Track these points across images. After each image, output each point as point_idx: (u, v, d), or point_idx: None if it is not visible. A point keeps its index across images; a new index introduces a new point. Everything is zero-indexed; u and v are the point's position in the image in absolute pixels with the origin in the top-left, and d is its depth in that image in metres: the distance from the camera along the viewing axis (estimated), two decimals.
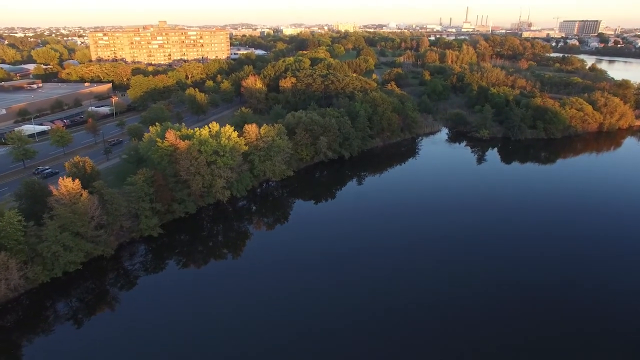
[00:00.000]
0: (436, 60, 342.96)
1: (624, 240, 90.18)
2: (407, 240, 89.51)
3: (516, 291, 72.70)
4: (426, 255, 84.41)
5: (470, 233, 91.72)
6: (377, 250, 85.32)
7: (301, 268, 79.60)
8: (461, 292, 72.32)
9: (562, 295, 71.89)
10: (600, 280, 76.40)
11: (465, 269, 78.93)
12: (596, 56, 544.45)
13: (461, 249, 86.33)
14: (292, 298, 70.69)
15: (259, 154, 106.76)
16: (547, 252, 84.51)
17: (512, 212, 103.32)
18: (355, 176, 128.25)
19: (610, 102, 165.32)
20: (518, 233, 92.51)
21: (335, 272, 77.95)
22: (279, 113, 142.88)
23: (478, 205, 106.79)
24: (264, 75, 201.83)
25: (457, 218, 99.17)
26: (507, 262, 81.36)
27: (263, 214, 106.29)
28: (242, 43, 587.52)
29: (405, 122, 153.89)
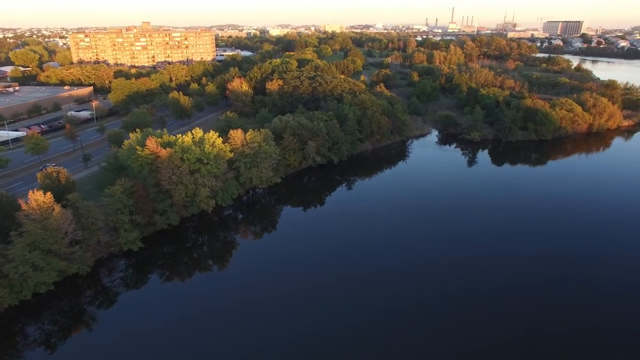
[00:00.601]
0: (424, 60, 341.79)
1: (619, 237, 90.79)
2: (399, 245, 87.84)
3: (510, 290, 73.16)
4: (419, 259, 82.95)
5: (462, 236, 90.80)
6: (368, 257, 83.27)
7: (290, 277, 76.67)
8: (454, 295, 71.06)
9: (555, 292, 72.60)
10: (594, 276, 77.27)
11: (457, 272, 77.92)
12: (580, 56, 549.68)
13: (453, 251, 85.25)
14: (282, 309, 67.91)
15: (244, 161, 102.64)
16: (541, 250, 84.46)
17: (505, 213, 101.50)
18: (344, 181, 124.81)
19: (599, 103, 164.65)
20: (511, 234, 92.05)
21: (326, 281, 75.52)
22: (266, 117, 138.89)
23: (471, 208, 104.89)
24: (250, 77, 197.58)
25: (450, 221, 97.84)
26: (502, 264, 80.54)
27: (250, 222, 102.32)
28: (228, 44, 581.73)
29: (395, 125, 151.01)
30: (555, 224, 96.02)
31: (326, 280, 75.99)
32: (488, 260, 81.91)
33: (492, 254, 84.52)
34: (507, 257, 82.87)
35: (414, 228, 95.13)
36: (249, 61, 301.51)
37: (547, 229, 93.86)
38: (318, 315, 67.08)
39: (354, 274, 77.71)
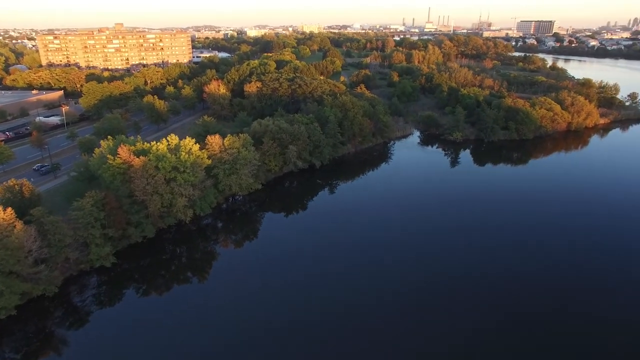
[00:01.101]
0: (403, 60, 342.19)
1: (602, 228, 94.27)
2: (383, 247, 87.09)
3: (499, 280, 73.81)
4: (405, 262, 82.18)
5: (447, 236, 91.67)
6: (353, 261, 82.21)
7: (274, 286, 74.20)
8: (441, 300, 70.23)
9: (540, 280, 76.10)
10: (581, 266, 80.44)
11: (444, 273, 78.27)
12: (553, 55, 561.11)
13: (440, 253, 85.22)
14: (266, 320, 65.77)
15: (223, 168, 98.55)
16: (526, 243, 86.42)
17: (492, 214, 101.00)
18: (326, 185, 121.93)
19: (577, 102, 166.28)
20: (499, 235, 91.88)
21: (312, 289, 74.05)
22: (245, 120, 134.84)
23: (455, 208, 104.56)
24: (228, 79, 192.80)
25: (433, 222, 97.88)
26: (486, 258, 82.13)
27: (230, 231, 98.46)
28: (205, 46, 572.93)
29: (376, 127, 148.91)
30: (540, 220, 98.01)
31: (311, 288, 74.31)
32: (471, 256, 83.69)
33: (476, 249, 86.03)
34: (492, 251, 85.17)
35: (397, 230, 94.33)
36: (227, 63, 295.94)
37: (533, 225, 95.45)
38: (304, 323, 65.64)
39: (339, 280, 76.19)
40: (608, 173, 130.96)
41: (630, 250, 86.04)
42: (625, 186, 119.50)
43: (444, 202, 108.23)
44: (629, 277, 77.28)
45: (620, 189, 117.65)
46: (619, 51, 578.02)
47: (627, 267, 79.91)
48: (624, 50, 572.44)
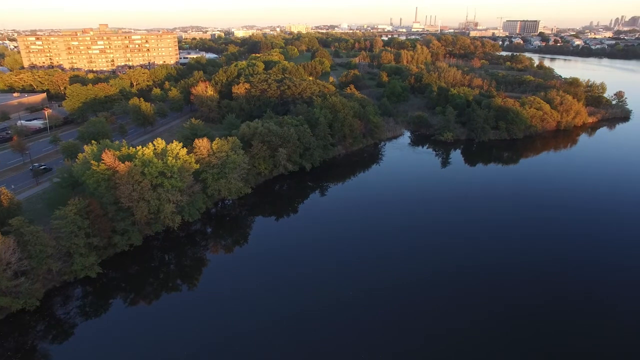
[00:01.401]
0: (391, 60, 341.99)
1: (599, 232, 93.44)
2: (376, 250, 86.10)
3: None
4: (395, 267, 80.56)
5: (440, 239, 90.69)
6: (346, 264, 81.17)
7: (265, 293, 72.40)
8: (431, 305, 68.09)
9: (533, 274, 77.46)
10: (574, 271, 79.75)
11: (438, 273, 78.19)
12: (539, 54, 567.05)
13: (431, 257, 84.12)
14: (259, 327, 64.21)
15: (212, 172, 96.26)
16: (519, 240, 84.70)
17: (487, 216, 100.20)
18: (317, 188, 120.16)
19: (566, 101, 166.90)
20: (494, 237, 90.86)
21: (303, 294, 72.78)
22: (233, 123, 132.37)
23: (448, 209, 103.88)
24: (215, 81, 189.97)
25: (428, 225, 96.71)
26: (481, 270, 78.92)
27: (220, 236, 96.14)
28: (192, 46, 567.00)
29: (367, 128, 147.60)
30: (533, 221, 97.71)
31: (303, 293, 73.04)
32: (463, 254, 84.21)
33: (470, 249, 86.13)
34: (486, 252, 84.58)
35: (389, 232, 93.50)
36: (214, 64, 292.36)
37: (529, 228, 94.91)
38: (297, 330, 64.64)
39: (332, 283, 75.37)
40: (598, 171, 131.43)
41: (622, 242, 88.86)
42: (615, 184, 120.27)
43: (436, 204, 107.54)
44: (622, 268, 79.58)
45: (610, 186, 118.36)
46: (602, 50, 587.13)
47: (621, 260, 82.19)
48: (607, 50, 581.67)
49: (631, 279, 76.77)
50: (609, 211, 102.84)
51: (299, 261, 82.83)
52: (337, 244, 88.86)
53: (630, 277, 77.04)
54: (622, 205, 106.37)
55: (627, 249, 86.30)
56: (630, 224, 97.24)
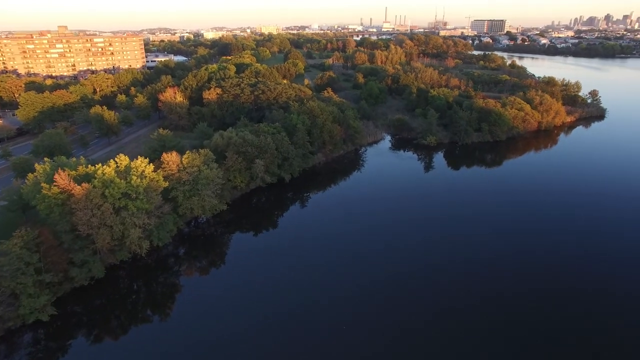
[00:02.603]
0: (366, 61, 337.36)
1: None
2: (359, 267, 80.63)
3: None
4: (381, 283, 76.10)
5: (424, 249, 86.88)
6: (329, 283, 75.53)
7: (243, 318, 66.59)
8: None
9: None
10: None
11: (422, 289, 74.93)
12: (507, 53, 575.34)
13: (415, 267, 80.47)
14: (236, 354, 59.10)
15: (183, 189, 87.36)
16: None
17: (474, 222, 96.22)
18: (297, 200, 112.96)
19: (546, 101, 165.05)
20: (484, 244, 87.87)
21: (285, 315, 67.59)
22: (205, 132, 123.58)
23: (431, 216, 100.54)
24: (185, 86, 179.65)
25: (413, 235, 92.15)
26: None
27: (194, 258, 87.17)
28: (160, 49, 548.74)
29: (347, 133, 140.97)
30: (524, 225, 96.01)
31: (286, 315, 67.67)
32: (451, 263, 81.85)
33: (459, 257, 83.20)
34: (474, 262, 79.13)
35: (374, 243, 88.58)
36: (183, 67, 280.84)
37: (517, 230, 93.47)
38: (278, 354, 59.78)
39: (314, 302, 70.41)
40: (586, 172, 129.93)
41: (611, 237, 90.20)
42: (599, 181, 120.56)
43: (424, 213, 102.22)
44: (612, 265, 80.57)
45: (595, 184, 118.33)
46: (567, 49, 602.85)
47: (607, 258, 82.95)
48: (572, 49, 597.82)
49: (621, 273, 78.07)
50: (600, 211, 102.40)
51: (279, 280, 76.74)
52: (321, 259, 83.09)
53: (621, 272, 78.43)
54: (615, 202, 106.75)
55: (615, 244, 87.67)
56: (619, 220, 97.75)
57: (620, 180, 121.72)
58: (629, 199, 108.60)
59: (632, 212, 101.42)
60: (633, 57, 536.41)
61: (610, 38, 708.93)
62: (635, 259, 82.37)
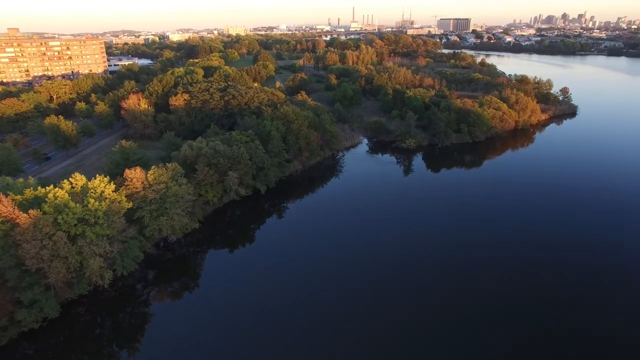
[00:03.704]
0: (337, 61, 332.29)
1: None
2: (342, 282, 76.37)
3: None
4: (362, 297, 72.72)
5: (409, 260, 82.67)
6: (310, 306, 70.43)
7: (220, 345, 61.80)
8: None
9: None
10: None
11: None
12: (474, 51, 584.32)
13: (398, 280, 77.24)
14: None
15: (149, 209, 79.12)
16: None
17: (457, 231, 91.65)
18: (275, 212, 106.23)
19: (522, 99, 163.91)
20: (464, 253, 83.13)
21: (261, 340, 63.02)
22: (173, 142, 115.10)
23: (416, 223, 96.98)
24: (150, 92, 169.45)
25: (398, 246, 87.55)
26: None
27: (165, 283, 79.26)
28: (123, 52, 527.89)
29: (324, 139, 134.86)
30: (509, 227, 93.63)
31: (267, 340, 63.10)
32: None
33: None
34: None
35: (356, 258, 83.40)
36: (148, 71, 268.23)
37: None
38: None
39: (294, 328, 65.63)
40: (563, 168, 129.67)
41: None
42: (580, 179, 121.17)
43: (408, 220, 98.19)
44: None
45: (575, 181, 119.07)
46: (531, 46, 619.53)
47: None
48: (536, 46, 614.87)
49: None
50: (587, 209, 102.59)
51: (257, 300, 71.13)
52: (300, 276, 77.98)
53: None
54: (596, 196, 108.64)
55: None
56: (603, 213, 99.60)
57: (601, 176, 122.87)
58: (611, 193, 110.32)
59: (616, 204, 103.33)
60: (592, 54, 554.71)
61: (570, 36, 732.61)
62: (617, 248, 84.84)
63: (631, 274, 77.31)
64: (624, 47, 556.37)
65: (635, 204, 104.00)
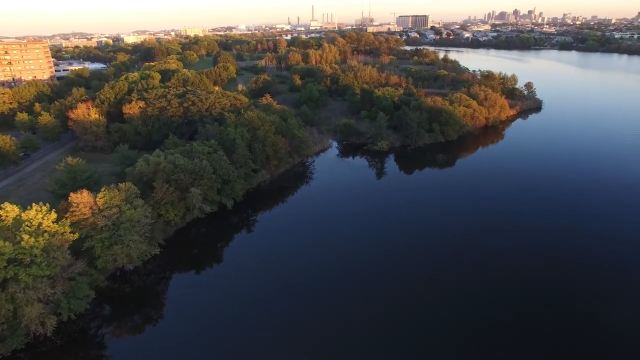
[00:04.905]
0: (300, 61, 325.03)
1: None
2: (316, 299, 71.41)
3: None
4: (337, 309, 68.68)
5: (386, 271, 78.36)
6: (278, 327, 65.28)
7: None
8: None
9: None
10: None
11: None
12: (434, 47, 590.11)
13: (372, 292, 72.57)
14: None
15: (100, 238, 69.37)
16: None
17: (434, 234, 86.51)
18: (244, 227, 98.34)
19: (490, 96, 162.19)
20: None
21: None
22: (127, 156, 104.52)
23: (394, 229, 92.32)
24: (101, 99, 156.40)
25: (376, 258, 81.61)
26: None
27: (123, 319, 69.71)
28: (74, 56, 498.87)
29: (292, 145, 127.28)
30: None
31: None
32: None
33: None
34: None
35: (331, 271, 78.01)
36: (101, 76, 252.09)
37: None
38: None
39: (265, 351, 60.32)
40: (538, 162, 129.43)
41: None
42: (557, 171, 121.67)
43: (387, 228, 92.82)
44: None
45: (552, 174, 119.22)
46: (489, 42, 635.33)
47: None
48: (493, 41, 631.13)
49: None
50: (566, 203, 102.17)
51: (225, 327, 65.46)
52: (272, 295, 71.77)
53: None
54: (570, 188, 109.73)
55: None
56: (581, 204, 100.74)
57: (575, 167, 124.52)
58: (585, 183, 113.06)
59: (592, 196, 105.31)
60: (545, 48, 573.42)
61: (523, 31, 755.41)
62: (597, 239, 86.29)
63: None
64: (573, 41, 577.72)
65: (605, 193, 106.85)
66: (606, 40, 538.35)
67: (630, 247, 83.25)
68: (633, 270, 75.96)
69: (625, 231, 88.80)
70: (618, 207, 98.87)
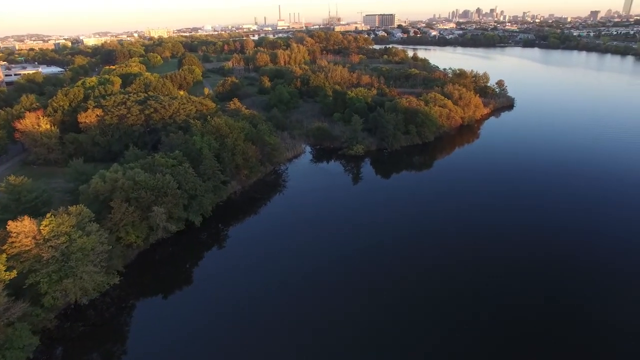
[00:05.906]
0: (268, 62, 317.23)
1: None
2: (293, 317, 66.28)
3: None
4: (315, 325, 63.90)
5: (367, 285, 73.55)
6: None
7: None
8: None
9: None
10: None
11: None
12: (402, 45, 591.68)
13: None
14: None
15: (46, 272, 60.57)
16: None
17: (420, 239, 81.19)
18: (214, 244, 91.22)
19: (465, 95, 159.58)
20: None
21: None
22: (81, 171, 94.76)
23: (374, 237, 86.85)
24: (54, 107, 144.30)
25: (355, 272, 76.40)
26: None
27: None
28: (29, 60, 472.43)
29: (263, 152, 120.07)
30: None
31: None
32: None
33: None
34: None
35: (311, 286, 74.26)
36: (56, 81, 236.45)
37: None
38: None
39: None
40: (516, 159, 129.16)
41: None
42: (536, 166, 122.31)
43: (359, 237, 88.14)
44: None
45: (531, 171, 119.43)
46: (455, 40, 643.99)
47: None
48: (459, 39, 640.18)
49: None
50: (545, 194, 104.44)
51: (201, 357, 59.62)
52: (246, 316, 67.06)
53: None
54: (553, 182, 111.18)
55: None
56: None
57: (551, 163, 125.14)
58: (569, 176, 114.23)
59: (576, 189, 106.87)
60: (509, 45, 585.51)
61: (487, 29, 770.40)
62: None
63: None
64: (535, 39, 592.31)
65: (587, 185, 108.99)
66: (566, 38, 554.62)
67: (605, 239, 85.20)
68: (607, 263, 77.31)
69: (600, 224, 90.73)
70: (586, 196, 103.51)
